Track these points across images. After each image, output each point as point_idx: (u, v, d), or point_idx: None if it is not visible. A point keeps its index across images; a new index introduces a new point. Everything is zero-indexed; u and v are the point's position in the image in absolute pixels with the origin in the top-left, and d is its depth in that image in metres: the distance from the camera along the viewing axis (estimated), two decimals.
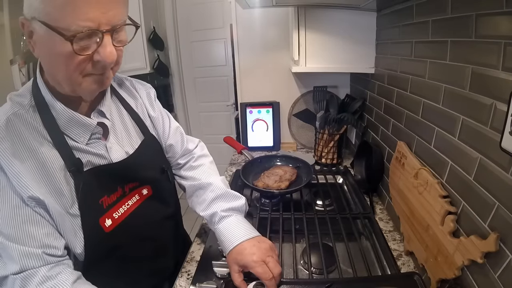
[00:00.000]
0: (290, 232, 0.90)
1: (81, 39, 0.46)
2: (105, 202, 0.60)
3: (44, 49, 0.50)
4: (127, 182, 0.66)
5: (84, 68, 0.50)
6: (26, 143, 0.53)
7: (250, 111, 1.66)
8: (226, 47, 2.83)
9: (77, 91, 0.54)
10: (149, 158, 0.72)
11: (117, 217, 0.62)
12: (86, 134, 0.59)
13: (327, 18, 1.21)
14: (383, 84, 1.11)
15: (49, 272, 0.52)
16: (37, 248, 0.51)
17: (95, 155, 0.61)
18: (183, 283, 0.78)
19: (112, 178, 0.63)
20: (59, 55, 0.48)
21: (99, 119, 0.62)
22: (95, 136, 0.62)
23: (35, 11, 0.46)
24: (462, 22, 0.61)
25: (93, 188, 0.59)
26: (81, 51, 0.47)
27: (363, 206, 1.02)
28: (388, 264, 0.78)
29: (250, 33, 1.59)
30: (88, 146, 0.60)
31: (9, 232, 0.50)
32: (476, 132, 0.57)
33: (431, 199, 0.70)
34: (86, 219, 0.57)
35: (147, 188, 0.70)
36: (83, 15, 0.44)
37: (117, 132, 0.67)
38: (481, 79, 0.56)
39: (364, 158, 1.21)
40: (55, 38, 0.45)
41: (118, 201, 0.63)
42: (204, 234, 0.98)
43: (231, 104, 2.93)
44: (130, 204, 0.66)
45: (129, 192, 0.66)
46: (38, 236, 0.52)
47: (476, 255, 0.54)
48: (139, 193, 0.68)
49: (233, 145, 1.52)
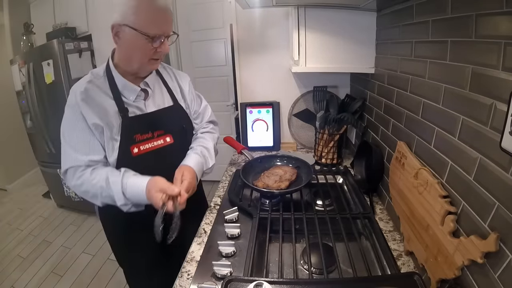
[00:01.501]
0: (290, 232, 0.90)
1: (154, 39, 0.82)
2: (137, 138, 0.92)
3: (129, 42, 0.83)
4: (155, 129, 0.96)
5: (152, 55, 0.86)
6: (95, 98, 0.88)
7: (250, 111, 1.66)
8: (226, 47, 2.82)
9: (142, 68, 0.91)
10: (173, 116, 1.03)
11: (143, 149, 0.93)
12: (133, 94, 0.94)
13: (327, 18, 1.21)
14: (383, 84, 1.11)
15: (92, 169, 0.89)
16: (85, 156, 0.88)
17: (137, 108, 0.94)
18: (183, 283, 0.78)
19: (146, 123, 0.95)
20: (140, 47, 0.83)
21: (144, 87, 0.96)
22: (139, 97, 0.95)
23: (127, 21, 0.79)
24: (462, 22, 0.61)
25: (132, 127, 0.91)
26: (155, 45, 0.84)
27: (363, 206, 1.02)
28: (388, 264, 0.78)
29: (250, 33, 1.59)
30: (134, 102, 0.94)
31: (71, 140, 0.88)
32: (476, 132, 0.57)
33: (431, 199, 0.70)
34: (122, 143, 0.90)
35: (170, 136, 0.99)
36: (158, 27, 0.81)
37: (155, 96, 0.99)
38: (481, 79, 0.56)
39: (364, 158, 1.21)
40: (141, 37, 0.80)
41: (147, 139, 0.94)
42: (204, 234, 0.98)
43: (231, 104, 2.93)
44: (155, 144, 0.96)
45: (156, 136, 0.96)
46: (87, 149, 0.88)
47: (476, 255, 0.54)
48: (164, 139, 0.98)
49: (233, 145, 1.52)
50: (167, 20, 0.83)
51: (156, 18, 0.81)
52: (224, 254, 0.85)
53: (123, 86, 0.92)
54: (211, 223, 1.04)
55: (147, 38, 0.80)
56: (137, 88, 0.94)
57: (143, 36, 0.80)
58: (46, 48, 2.32)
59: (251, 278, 0.69)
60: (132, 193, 0.85)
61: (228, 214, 1.01)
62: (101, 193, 0.86)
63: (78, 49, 2.43)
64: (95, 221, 2.70)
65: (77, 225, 2.67)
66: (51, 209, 2.97)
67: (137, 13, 0.78)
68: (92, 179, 0.86)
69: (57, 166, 2.61)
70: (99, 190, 0.86)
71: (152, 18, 0.80)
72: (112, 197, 0.86)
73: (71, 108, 0.88)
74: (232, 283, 0.69)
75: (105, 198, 0.87)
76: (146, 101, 0.97)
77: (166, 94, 1.03)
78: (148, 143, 0.94)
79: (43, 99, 2.44)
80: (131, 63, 0.88)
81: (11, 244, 2.45)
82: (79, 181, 0.88)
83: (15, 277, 2.06)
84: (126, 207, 0.87)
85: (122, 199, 0.85)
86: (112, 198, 0.86)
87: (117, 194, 0.85)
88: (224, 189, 1.26)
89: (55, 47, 2.25)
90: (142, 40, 0.81)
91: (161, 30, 0.82)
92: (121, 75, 0.91)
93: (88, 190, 0.88)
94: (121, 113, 0.90)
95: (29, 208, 3.02)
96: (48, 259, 2.23)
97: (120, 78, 0.91)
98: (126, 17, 0.79)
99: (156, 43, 0.83)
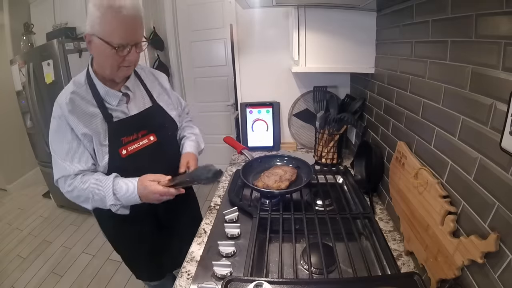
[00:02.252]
0: (290, 232, 0.90)
1: (120, 48, 0.84)
2: (124, 140, 0.96)
3: (98, 51, 0.86)
4: (139, 129, 1.00)
5: (120, 62, 0.88)
6: (81, 108, 0.91)
7: (250, 111, 1.66)
8: (226, 47, 2.82)
9: (114, 75, 0.92)
10: (154, 116, 1.06)
11: (130, 150, 0.98)
12: (116, 100, 0.97)
13: (327, 18, 1.21)
14: (383, 84, 1.11)
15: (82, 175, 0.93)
16: (74, 165, 0.91)
17: (121, 112, 0.98)
18: (183, 283, 0.78)
19: (130, 126, 0.99)
20: (107, 56, 0.85)
21: (125, 91, 0.99)
22: (121, 101, 0.99)
23: (95, 31, 0.82)
24: (462, 22, 0.61)
25: (118, 131, 0.95)
26: (120, 54, 0.85)
27: (363, 206, 1.02)
28: (388, 264, 0.78)
29: (250, 33, 1.59)
30: (117, 106, 0.97)
31: (59, 151, 0.92)
32: (476, 132, 0.57)
33: (431, 199, 0.70)
34: (111, 147, 0.94)
35: (153, 135, 1.03)
36: (121, 37, 0.83)
37: (136, 99, 1.03)
38: (481, 79, 0.56)
39: (364, 158, 1.21)
40: (106, 47, 0.83)
41: (133, 140, 0.98)
42: (204, 234, 0.98)
43: (231, 104, 2.93)
44: (140, 144, 1.00)
45: (141, 137, 1.01)
46: (76, 159, 0.91)
47: (476, 255, 0.54)
48: (148, 138, 1.02)
49: (233, 145, 1.51)
50: (133, 29, 0.84)
51: (119, 28, 0.81)
52: (224, 254, 0.85)
53: (105, 92, 0.94)
54: (211, 223, 1.04)
55: (112, 48, 0.82)
56: (119, 94, 0.97)
57: (108, 46, 0.82)
58: (46, 48, 2.32)
59: (251, 278, 0.69)
60: (123, 191, 0.90)
61: (228, 214, 1.01)
62: (92, 197, 0.91)
63: (78, 49, 2.43)
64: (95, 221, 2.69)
65: (77, 225, 2.67)
66: (51, 209, 2.97)
67: (101, 23, 0.80)
68: (83, 184, 0.91)
69: None
70: (90, 194, 0.91)
71: (115, 28, 0.81)
72: (103, 199, 0.91)
73: (57, 120, 0.91)
74: (232, 283, 0.68)
75: (96, 201, 0.92)
76: (128, 104, 1.01)
77: (146, 96, 1.07)
78: (135, 144, 0.99)
79: (43, 99, 2.44)
80: (104, 70, 0.91)
81: (11, 244, 2.45)
82: (70, 187, 0.92)
83: (15, 277, 2.06)
84: (115, 208, 0.93)
85: (112, 198, 0.90)
86: (103, 200, 0.91)
87: (108, 193, 0.89)
88: (224, 189, 1.26)
89: (55, 47, 2.25)
90: (108, 49, 0.83)
91: (125, 40, 0.83)
92: (101, 82, 0.94)
93: (79, 195, 0.93)
94: (106, 119, 0.93)
95: (29, 208, 3.02)
96: (48, 259, 2.23)
97: (101, 85, 0.94)
98: (94, 27, 0.82)
99: (123, 52, 0.85)
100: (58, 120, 0.91)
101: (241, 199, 1.12)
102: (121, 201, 0.91)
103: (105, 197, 0.90)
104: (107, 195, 0.90)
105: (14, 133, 3.27)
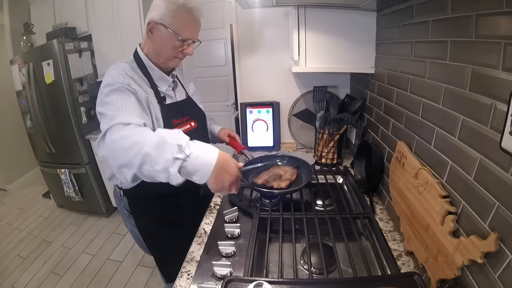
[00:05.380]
0: (290, 232, 0.90)
1: (184, 41, 0.96)
2: (174, 122, 1.03)
3: (162, 40, 0.95)
4: (184, 115, 1.09)
5: (177, 54, 0.98)
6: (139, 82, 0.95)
7: (250, 111, 1.66)
8: (226, 47, 2.82)
9: (167, 63, 1.01)
10: (192, 104, 1.18)
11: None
12: (165, 84, 1.06)
13: (327, 18, 1.21)
14: (383, 84, 1.11)
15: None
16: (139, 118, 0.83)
17: (169, 96, 1.06)
18: (183, 283, 0.78)
19: (178, 110, 1.07)
20: (170, 45, 0.95)
21: (173, 78, 1.10)
22: (170, 86, 1.08)
23: (164, 21, 0.91)
24: (462, 22, 0.61)
25: (169, 113, 1.02)
26: (183, 46, 0.97)
27: (363, 206, 1.02)
28: (388, 264, 0.78)
29: (250, 33, 1.59)
30: (166, 90, 1.06)
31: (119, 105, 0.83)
32: (476, 132, 0.57)
33: (431, 199, 0.70)
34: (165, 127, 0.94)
35: (194, 121, 1.12)
36: (189, 33, 0.95)
37: (178, 87, 1.15)
38: (481, 79, 0.56)
39: (364, 158, 1.21)
40: (174, 37, 0.93)
41: (180, 123, 1.06)
42: (204, 234, 0.98)
43: (231, 104, 2.93)
44: (186, 128, 1.07)
45: (185, 122, 1.09)
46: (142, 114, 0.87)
47: (476, 255, 0.54)
48: (190, 123, 1.10)
49: (233, 145, 1.51)
50: (197, 29, 0.99)
51: (189, 25, 0.95)
52: (224, 254, 0.85)
53: (159, 76, 1.02)
54: (211, 223, 1.04)
55: (178, 40, 0.93)
56: (170, 79, 1.07)
57: (176, 37, 0.93)
58: (46, 48, 2.31)
59: (251, 278, 0.69)
60: (200, 146, 0.74)
61: (228, 214, 1.01)
62: (153, 147, 0.70)
63: (78, 49, 2.43)
64: (95, 221, 2.70)
65: (77, 225, 2.67)
66: (51, 209, 2.97)
67: (174, 17, 0.91)
68: (144, 132, 0.75)
69: (57, 166, 2.61)
70: (152, 143, 0.70)
71: (187, 24, 0.94)
72: (167, 149, 0.69)
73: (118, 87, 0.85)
74: (232, 283, 0.68)
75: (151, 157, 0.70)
76: (175, 90, 1.11)
77: (182, 88, 1.18)
78: (182, 127, 1.05)
79: (43, 99, 2.44)
80: (160, 57, 0.99)
81: (11, 244, 2.45)
82: (128, 132, 0.75)
83: (15, 277, 2.06)
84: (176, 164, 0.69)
85: (182, 148, 0.70)
86: (165, 152, 0.69)
87: (182, 139, 0.72)
88: None
89: (55, 47, 2.25)
90: (174, 40, 0.93)
91: (191, 35, 0.96)
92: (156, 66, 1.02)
93: (136, 142, 0.71)
94: (159, 101, 1.00)
95: (29, 208, 3.02)
96: (48, 259, 2.23)
97: (156, 69, 1.02)
98: (163, 18, 0.91)
99: (184, 45, 0.97)
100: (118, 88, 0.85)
101: (241, 199, 1.12)
102: (191, 155, 0.70)
103: (174, 146, 0.69)
104: (178, 142, 0.70)
105: (14, 133, 3.27)
